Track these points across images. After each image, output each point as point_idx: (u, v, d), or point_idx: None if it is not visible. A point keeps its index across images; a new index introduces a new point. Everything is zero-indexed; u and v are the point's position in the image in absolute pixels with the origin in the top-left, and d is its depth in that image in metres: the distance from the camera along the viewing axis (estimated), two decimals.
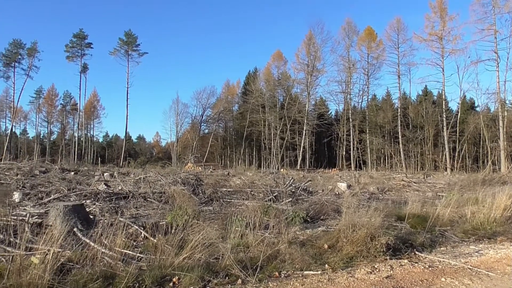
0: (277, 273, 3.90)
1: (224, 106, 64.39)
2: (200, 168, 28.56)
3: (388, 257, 4.53)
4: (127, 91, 57.57)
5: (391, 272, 4.11)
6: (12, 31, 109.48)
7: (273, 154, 54.64)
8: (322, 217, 7.41)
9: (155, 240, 4.42)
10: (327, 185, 13.70)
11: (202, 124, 66.07)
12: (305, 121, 51.43)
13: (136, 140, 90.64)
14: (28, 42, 57.94)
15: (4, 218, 4.94)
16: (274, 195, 9.19)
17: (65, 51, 59.95)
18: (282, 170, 31.90)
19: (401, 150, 46.05)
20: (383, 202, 8.76)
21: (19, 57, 56.29)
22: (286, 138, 53.45)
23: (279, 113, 56.74)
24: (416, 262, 4.52)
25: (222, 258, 3.99)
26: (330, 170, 35.68)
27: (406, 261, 4.53)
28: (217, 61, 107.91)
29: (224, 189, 10.62)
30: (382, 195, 11.93)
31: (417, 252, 4.98)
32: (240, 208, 6.92)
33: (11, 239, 4.04)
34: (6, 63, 55.84)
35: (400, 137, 46.41)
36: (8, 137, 57.48)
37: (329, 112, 61.93)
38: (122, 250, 3.93)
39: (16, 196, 8.03)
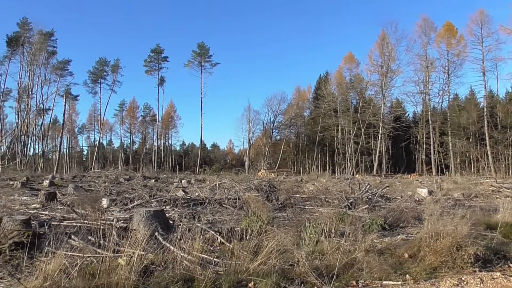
0: (354, 282, 3.81)
1: (296, 112, 64.40)
2: (272, 174, 28.83)
3: (477, 269, 4.19)
4: (201, 100, 60.35)
5: (481, 285, 3.80)
6: (98, 50, 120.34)
7: (347, 160, 53.25)
8: (401, 224, 7.09)
9: (230, 246, 4.57)
10: (406, 191, 13.03)
11: (273, 130, 66.77)
12: (381, 125, 49.41)
13: (210, 148, 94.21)
14: (111, 59, 63.46)
15: (95, 222, 5.46)
16: (349, 201, 8.98)
17: (144, 65, 64.77)
18: (357, 175, 31.00)
19: (488, 153, 42.02)
20: (470, 209, 8.10)
21: (105, 73, 62.12)
22: (360, 142, 51.83)
23: (353, 117, 55.26)
24: (510, 276, 4.12)
25: (297, 265, 4.01)
26: (409, 175, 33.83)
27: (498, 274, 4.15)
28: (287, 68, 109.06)
29: (298, 195, 10.61)
30: (468, 202, 11.04)
31: (511, 265, 4.54)
32: (314, 214, 6.88)
33: (101, 242, 4.45)
34: (93, 80, 61.90)
35: (487, 138, 42.43)
36: (96, 148, 63.39)
37: (406, 114, 58.77)
38: (200, 255, 4.13)
39: (105, 202, 8.78)
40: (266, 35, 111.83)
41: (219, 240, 5.16)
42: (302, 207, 9.01)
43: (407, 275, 4.00)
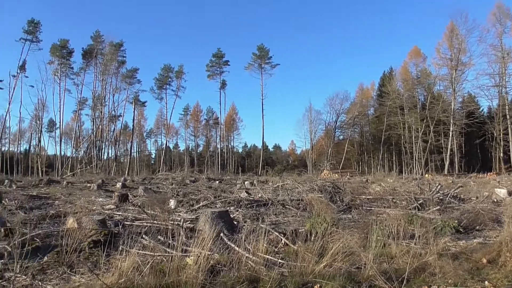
0: (426, 287, 3.62)
1: (359, 110, 62.64)
2: (336, 175, 28.26)
3: None
4: (262, 102, 60.87)
5: None
6: (163, 58, 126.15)
7: (415, 159, 50.68)
8: (477, 227, 6.60)
9: (295, 247, 4.55)
10: (482, 191, 12.11)
11: (336, 130, 65.57)
12: (451, 121, 46.33)
13: (272, 149, 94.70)
14: (175, 65, 66.32)
15: (164, 223, 5.72)
16: (418, 202, 8.57)
17: (206, 70, 66.81)
18: (426, 175, 29.40)
19: None
20: None
21: (169, 79, 65.08)
22: (429, 140, 49.03)
23: (420, 114, 52.38)
24: None
25: (364, 268, 3.89)
26: (485, 175, 31.26)
27: None
28: (349, 65, 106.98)
29: (363, 196, 10.32)
30: None
31: None
32: (381, 216, 6.63)
33: (170, 241, 4.65)
34: (159, 86, 65.09)
35: None
36: (163, 151, 66.46)
37: (481, 110, 54.43)
38: (264, 256, 4.16)
39: (172, 203, 9.17)
40: (327, 33, 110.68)
41: (283, 241, 5.17)
42: (368, 208, 8.75)
43: (486, 282, 3.71)
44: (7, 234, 5.46)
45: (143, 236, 5.04)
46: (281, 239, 5.23)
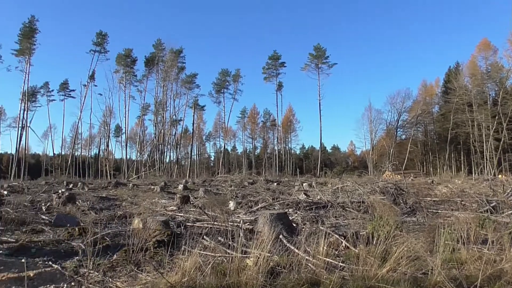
0: None
1: (422, 108, 59.66)
2: (399, 176, 27.16)
3: None
4: (319, 103, 60.12)
5: None
6: (220, 62, 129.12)
7: (486, 158, 47.19)
8: None
9: (356, 250, 4.44)
10: None
11: (398, 129, 63.12)
12: None
13: (331, 150, 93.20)
14: (232, 69, 67.72)
15: (224, 224, 5.85)
16: (491, 205, 7.98)
17: (263, 72, 67.38)
18: (499, 176, 27.35)
19: None
20: None
21: (227, 83, 66.54)
22: (502, 139, 45.44)
23: (492, 110, 48.76)
24: None
25: (431, 274, 3.70)
26: None
27: None
28: (410, 62, 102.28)
29: (429, 198, 9.82)
30: None
31: None
32: (448, 219, 6.27)
33: (230, 243, 4.74)
34: (217, 90, 66.81)
35: None
36: (222, 154, 67.93)
37: None
38: (325, 258, 4.10)
39: (231, 204, 9.34)
40: (385, 29, 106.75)
41: (344, 244, 5.06)
42: (434, 211, 8.31)
43: None
44: (81, 233, 5.88)
45: (204, 237, 5.18)
46: (342, 242, 5.13)
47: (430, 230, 5.24)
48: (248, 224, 6.55)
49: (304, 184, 17.38)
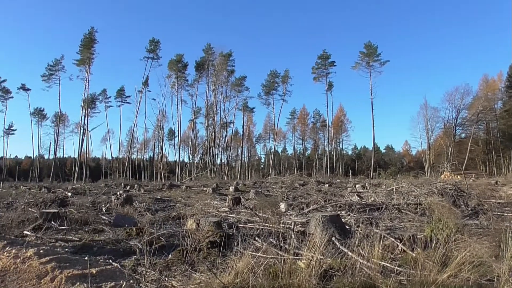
0: None
1: (484, 105, 56.03)
2: (458, 177, 25.73)
3: None
4: (371, 102, 58.62)
5: None
6: (269, 64, 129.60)
7: None
8: None
9: (413, 254, 4.26)
10: None
11: (457, 128, 59.91)
12: None
13: (384, 151, 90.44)
14: (281, 70, 67.87)
15: (275, 226, 5.85)
16: None
17: (312, 73, 66.92)
18: None
19: None
20: None
21: (276, 85, 66.77)
22: None
23: None
24: None
25: (497, 281, 3.47)
26: None
27: None
28: (468, 56, 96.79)
29: (493, 200, 9.24)
30: None
31: None
32: None
33: (281, 244, 4.73)
34: (266, 92, 67.20)
35: None
36: (272, 155, 68.11)
37: None
38: (380, 262, 3.98)
39: (282, 206, 9.33)
40: (441, 23, 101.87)
41: (400, 248, 4.88)
42: (499, 214, 7.80)
43: None
44: (138, 233, 6.13)
45: (256, 238, 5.21)
46: (398, 245, 4.95)
47: (495, 234, 4.92)
48: (300, 226, 6.50)
49: (356, 186, 16.99)
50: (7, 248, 4.45)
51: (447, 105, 58.99)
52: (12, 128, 73.20)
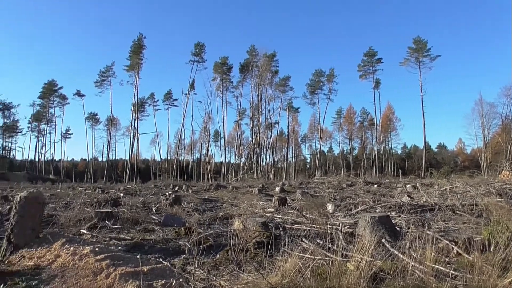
0: None
1: None
2: None
3: None
4: (421, 99, 56.52)
5: None
6: (313, 63, 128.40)
7: None
8: None
9: (470, 258, 4.05)
10: None
11: None
12: None
13: (436, 149, 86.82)
14: (326, 69, 67.08)
15: (322, 227, 5.78)
16: None
17: (358, 70, 65.63)
18: None
19: None
20: None
21: (321, 84, 66.10)
22: None
23: None
24: None
25: None
26: None
27: None
28: None
29: None
30: None
31: None
32: None
33: (329, 246, 4.66)
34: (311, 92, 66.69)
35: None
36: (318, 155, 67.42)
37: None
38: (433, 265, 3.82)
39: (330, 207, 9.20)
40: (494, 12, 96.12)
41: (454, 251, 4.66)
42: None
43: None
44: (186, 233, 6.29)
45: (303, 239, 5.18)
46: (452, 248, 4.73)
47: None
48: (348, 227, 6.38)
49: (407, 186, 16.41)
50: (66, 246, 4.72)
51: (505, 100, 55.85)
52: (69, 132, 77.99)
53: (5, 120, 70.69)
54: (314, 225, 6.25)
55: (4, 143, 71.57)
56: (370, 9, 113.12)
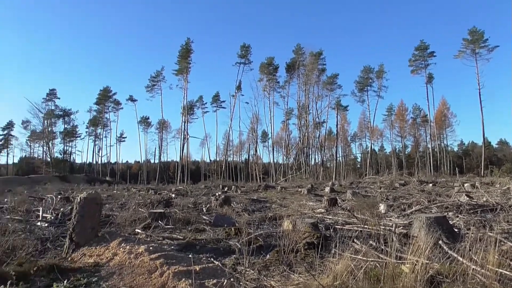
0: None
1: None
2: None
3: None
4: (479, 92, 53.27)
5: None
6: (361, 59, 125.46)
7: None
8: None
9: None
10: None
11: None
12: None
13: (497, 146, 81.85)
14: (375, 65, 65.24)
15: (375, 228, 5.64)
16: None
17: (409, 65, 63.28)
18: None
19: None
20: None
21: (370, 81, 64.45)
22: None
23: None
24: None
25: None
26: None
27: None
28: None
29: None
30: None
31: None
32: None
33: (382, 247, 4.54)
34: (360, 89, 65.23)
35: None
36: (369, 154, 65.79)
37: None
38: (496, 269, 3.60)
39: (382, 207, 8.95)
40: None
41: None
42: None
43: None
44: (236, 233, 6.38)
45: (354, 240, 5.08)
46: None
47: None
48: (402, 228, 6.17)
49: (465, 185, 15.60)
50: (122, 245, 4.94)
51: None
52: (123, 136, 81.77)
53: (66, 126, 75.42)
54: (366, 226, 6.11)
55: (65, 147, 76.21)
56: (419, 1, 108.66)
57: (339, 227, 6.73)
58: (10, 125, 77.28)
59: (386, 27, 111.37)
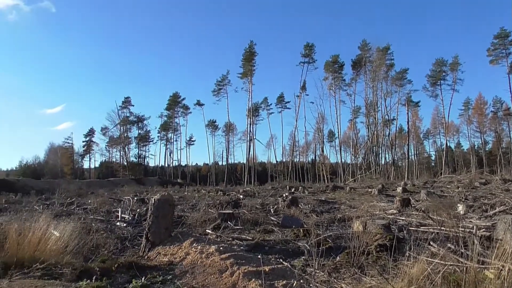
0: None
1: None
2: None
3: None
4: None
5: None
6: (433, 52, 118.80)
7: None
8: None
9: None
10: None
11: None
12: None
13: None
14: (449, 57, 61.34)
15: (453, 230, 5.31)
16: None
17: (487, 55, 58.64)
18: None
19: None
20: None
21: (443, 74, 60.63)
22: None
23: None
24: None
25: None
26: None
27: None
28: None
29: None
30: None
31: None
32: None
33: (462, 251, 4.26)
34: (432, 83, 61.70)
35: None
36: (444, 152, 62.09)
37: None
38: None
39: (460, 208, 8.41)
40: None
41: None
42: None
43: None
44: (305, 234, 6.35)
45: (430, 242, 4.83)
46: None
47: None
48: (484, 231, 5.75)
49: None
50: (194, 244, 5.13)
51: None
52: (192, 140, 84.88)
53: (140, 131, 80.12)
54: (443, 228, 5.79)
55: (140, 152, 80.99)
56: None
57: (413, 228, 6.45)
58: (91, 132, 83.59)
59: (459, 17, 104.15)
